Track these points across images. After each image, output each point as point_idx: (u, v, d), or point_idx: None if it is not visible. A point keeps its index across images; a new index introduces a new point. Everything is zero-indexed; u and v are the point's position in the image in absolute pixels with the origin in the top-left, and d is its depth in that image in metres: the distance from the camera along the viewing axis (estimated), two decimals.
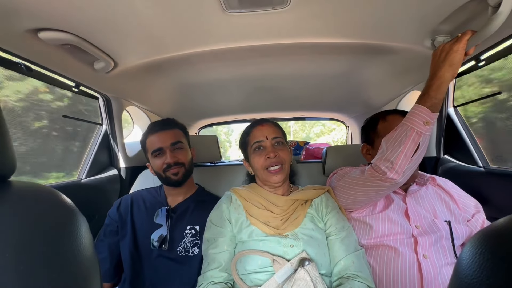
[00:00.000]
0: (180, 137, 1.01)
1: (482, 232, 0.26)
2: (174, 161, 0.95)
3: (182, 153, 0.99)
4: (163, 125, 1.00)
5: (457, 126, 1.11)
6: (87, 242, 0.31)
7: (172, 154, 0.95)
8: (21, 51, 0.73)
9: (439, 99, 0.66)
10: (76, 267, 0.28)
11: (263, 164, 0.83)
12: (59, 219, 0.30)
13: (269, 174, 0.82)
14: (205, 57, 0.97)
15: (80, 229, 0.31)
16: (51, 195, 0.32)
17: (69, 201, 0.33)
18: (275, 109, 1.95)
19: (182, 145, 0.99)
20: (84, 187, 1.09)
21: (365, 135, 0.98)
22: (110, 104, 1.22)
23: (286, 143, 0.88)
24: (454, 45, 0.66)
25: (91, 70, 0.93)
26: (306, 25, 0.77)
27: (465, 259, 0.25)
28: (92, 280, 0.30)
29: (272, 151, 0.82)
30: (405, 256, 0.74)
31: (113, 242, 0.94)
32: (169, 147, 0.96)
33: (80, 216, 0.33)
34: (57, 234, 0.28)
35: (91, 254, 0.31)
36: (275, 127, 0.88)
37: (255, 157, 0.85)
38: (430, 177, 0.92)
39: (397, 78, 1.21)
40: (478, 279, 0.23)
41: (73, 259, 0.28)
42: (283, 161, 0.83)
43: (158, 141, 0.96)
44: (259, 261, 0.72)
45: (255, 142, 0.85)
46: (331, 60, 1.05)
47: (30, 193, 0.30)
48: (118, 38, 0.78)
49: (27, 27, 0.65)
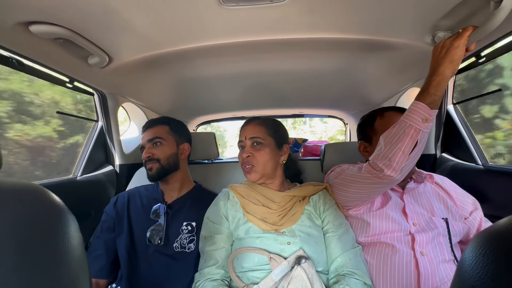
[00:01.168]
0: (160, 133, 1.01)
1: (485, 232, 0.25)
2: (146, 157, 0.98)
3: (158, 148, 0.99)
4: (150, 123, 1.04)
5: (456, 124, 1.10)
6: (76, 242, 0.30)
7: (147, 150, 0.98)
8: (11, 45, 0.71)
9: (438, 96, 0.65)
10: (63, 269, 0.27)
11: (240, 162, 0.88)
12: (47, 218, 0.29)
13: (244, 172, 0.87)
14: (202, 52, 0.95)
15: (68, 228, 0.30)
16: (39, 193, 0.31)
17: (58, 199, 0.32)
18: (273, 106, 1.93)
19: (159, 140, 1.00)
20: (80, 184, 1.08)
21: (362, 133, 0.98)
22: (106, 100, 1.20)
23: (272, 142, 0.87)
24: (455, 41, 0.64)
25: (85, 65, 0.91)
26: (304, 20, 0.76)
27: (468, 260, 0.24)
28: (80, 282, 0.29)
29: (246, 151, 0.85)
30: (402, 253, 0.74)
31: (109, 239, 0.93)
32: (147, 144, 0.99)
33: (70, 215, 0.32)
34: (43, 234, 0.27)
35: (80, 255, 0.30)
36: (258, 126, 0.88)
37: (238, 155, 0.90)
38: (428, 174, 0.92)
39: (396, 75, 1.20)
40: (482, 281, 0.22)
41: (60, 260, 0.27)
42: (256, 161, 0.84)
43: (142, 139, 1.02)
44: (256, 258, 0.72)
45: (239, 141, 0.90)
46: (329, 56, 1.04)
47: (16, 192, 0.29)
48: (112, 33, 0.76)
49: (17, 20, 0.64)
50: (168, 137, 1.01)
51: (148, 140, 0.99)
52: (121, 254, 0.91)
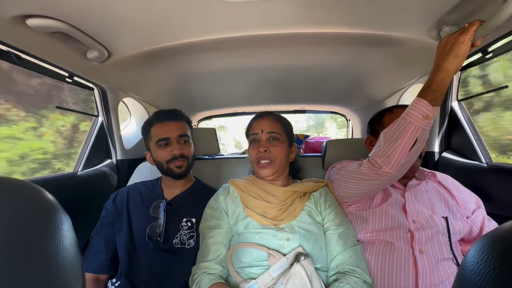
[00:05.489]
0: (186, 130, 1.00)
1: (488, 236, 0.25)
2: (180, 153, 0.95)
3: (188, 146, 0.98)
4: (171, 115, 0.99)
5: (461, 121, 1.08)
6: (69, 242, 0.29)
7: (179, 146, 0.95)
8: (8, 39, 0.70)
9: (441, 93, 0.64)
10: (54, 268, 0.27)
11: (254, 157, 0.84)
12: (38, 216, 0.28)
13: (258, 167, 0.84)
14: (203, 47, 0.93)
15: (61, 227, 0.29)
16: (31, 191, 0.30)
17: (51, 197, 0.31)
18: (274, 102, 1.91)
19: (188, 138, 0.99)
20: (81, 180, 1.08)
21: (371, 127, 0.97)
22: (106, 95, 1.20)
23: (286, 139, 0.87)
24: (460, 36, 0.63)
25: (84, 60, 0.90)
26: (307, 14, 0.74)
27: (469, 264, 0.24)
28: (72, 281, 0.28)
29: (263, 146, 0.83)
30: (401, 251, 0.74)
31: (109, 234, 0.94)
32: (176, 139, 0.96)
33: (63, 214, 0.31)
34: (34, 233, 0.27)
35: (73, 255, 0.29)
36: (275, 121, 0.87)
37: (249, 149, 0.87)
38: (431, 172, 0.91)
39: (400, 71, 1.18)
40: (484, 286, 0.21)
41: (52, 260, 0.26)
42: (274, 157, 0.82)
43: (165, 131, 0.95)
44: (255, 253, 0.72)
45: (251, 134, 0.87)
46: (333, 51, 1.02)
47: (7, 188, 0.28)
48: (111, 27, 0.75)
49: (14, 14, 0.63)
50: (190, 135, 1.02)
51: (179, 135, 0.96)
52: (120, 250, 0.91)
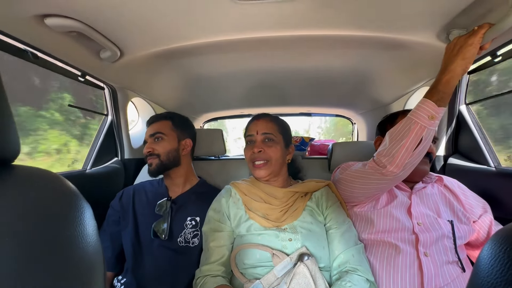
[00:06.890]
0: (162, 128, 1.01)
1: (504, 230, 0.25)
2: (147, 152, 0.99)
3: (159, 144, 1.00)
4: (153, 118, 1.05)
5: (469, 124, 1.07)
6: (91, 229, 0.30)
7: (148, 145, 0.99)
8: (27, 38, 0.73)
9: (447, 94, 0.65)
10: (79, 254, 0.28)
11: (249, 157, 0.86)
12: (63, 204, 0.29)
13: (253, 167, 0.85)
14: (213, 48, 0.95)
15: (84, 215, 0.30)
16: (55, 180, 0.31)
17: (73, 187, 0.33)
18: (281, 104, 1.92)
19: (160, 135, 1.00)
20: (89, 178, 1.10)
21: (381, 129, 0.97)
22: (116, 95, 1.22)
23: (282, 140, 0.88)
24: (469, 39, 0.63)
25: (97, 59, 0.93)
26: (318, 16, 0.75)
27: (486, 257, 0.24)
28: (95, 267, 0.29)
29: (257, 146, 0.84)
30: (406, 253, 0.73)
31: (115, 232, 0.95)
32: (148, 138, 1.01)
33: (84, 203, 0.32)
34: (59, 219, 0.28)
35: (95, 241, 0.30)
36: (270, 122, 0.88)
37: (245, 150, 0.89)
38: (437, 176, 0.91)
39: (408, 74, 1.17)
40: (503, 278, 0.21)
41: (76, 245, 0.28)
42: (269, 157, 0.83)
43: (145, 134, 1.03)
44: (258, 255, 0.72)
45: (247, 135, 0.89)
46: (341, 53, 1.03)
47: (33, 178, 0.30)
48: (124, 27, 0.77)
49: (33, 13, 0.65)
50: (169, 133, 1.02)
51: (150, 135, 1.00)
52: (126, 248, 0.92)
